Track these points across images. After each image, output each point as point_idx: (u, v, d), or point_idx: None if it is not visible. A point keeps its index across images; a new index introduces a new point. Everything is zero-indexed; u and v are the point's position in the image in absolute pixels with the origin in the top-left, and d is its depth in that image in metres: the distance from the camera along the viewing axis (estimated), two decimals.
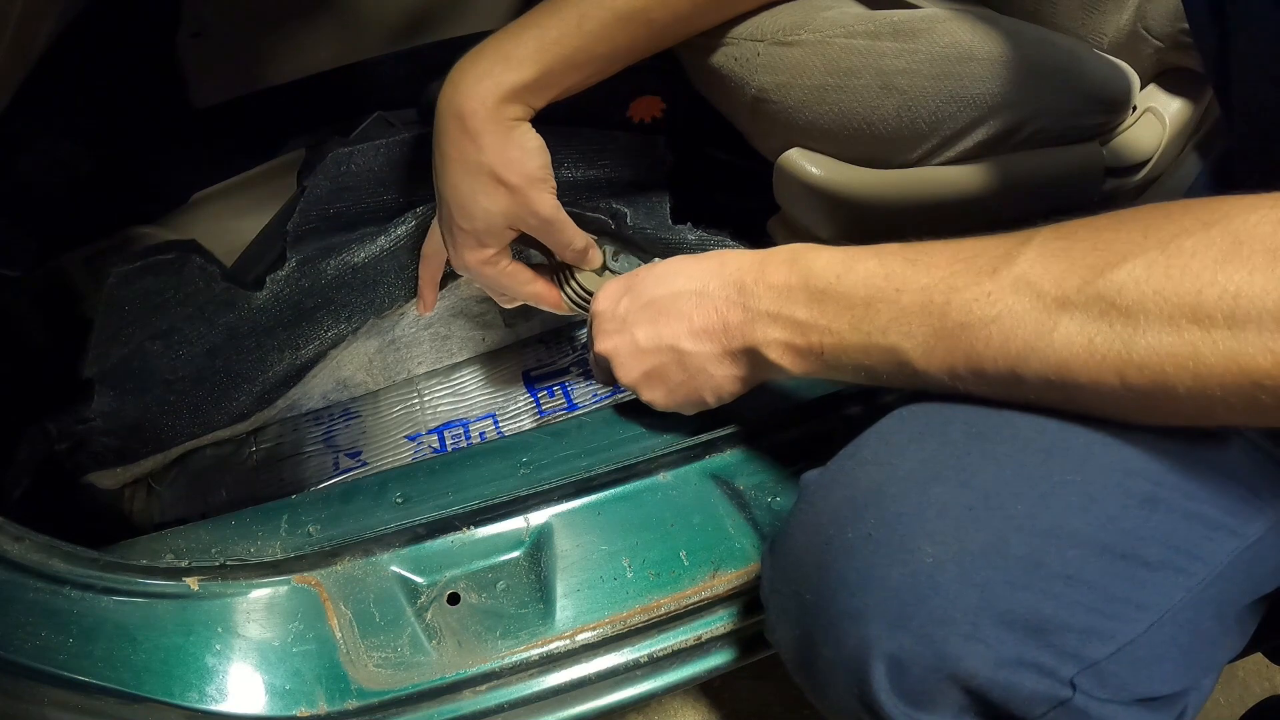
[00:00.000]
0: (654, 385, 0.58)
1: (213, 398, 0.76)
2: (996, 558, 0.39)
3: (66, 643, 0.51)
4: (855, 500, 0.43)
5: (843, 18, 0.67)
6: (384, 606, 0.57)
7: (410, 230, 0.76)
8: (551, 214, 0.66)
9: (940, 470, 0.42)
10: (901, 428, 0.46)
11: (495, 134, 0.62)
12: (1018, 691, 0.39)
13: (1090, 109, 0.69)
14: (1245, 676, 1.00)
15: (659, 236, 0.80)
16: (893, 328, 0.44)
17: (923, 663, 0.39)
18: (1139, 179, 0.73)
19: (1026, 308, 0.39)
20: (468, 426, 0.84)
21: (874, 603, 0.40)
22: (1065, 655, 0.38)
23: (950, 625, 0.38)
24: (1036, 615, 0.38)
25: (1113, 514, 0.39)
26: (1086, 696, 0.39)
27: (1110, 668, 0.39)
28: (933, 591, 0.39)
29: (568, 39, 0.62)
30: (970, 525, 0.40)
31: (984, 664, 0.38)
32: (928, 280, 0.43)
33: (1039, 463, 0.41)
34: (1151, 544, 0.39)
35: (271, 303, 0.75)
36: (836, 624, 0.41)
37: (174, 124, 0.89)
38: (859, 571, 0.41)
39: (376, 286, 0.78)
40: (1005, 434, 0.42)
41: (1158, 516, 0.39)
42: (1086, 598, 0.38)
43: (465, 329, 0.87)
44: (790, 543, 0.46)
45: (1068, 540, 0.39)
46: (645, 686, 0.58)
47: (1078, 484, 0.40)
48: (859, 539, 0.41)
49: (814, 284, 0.48)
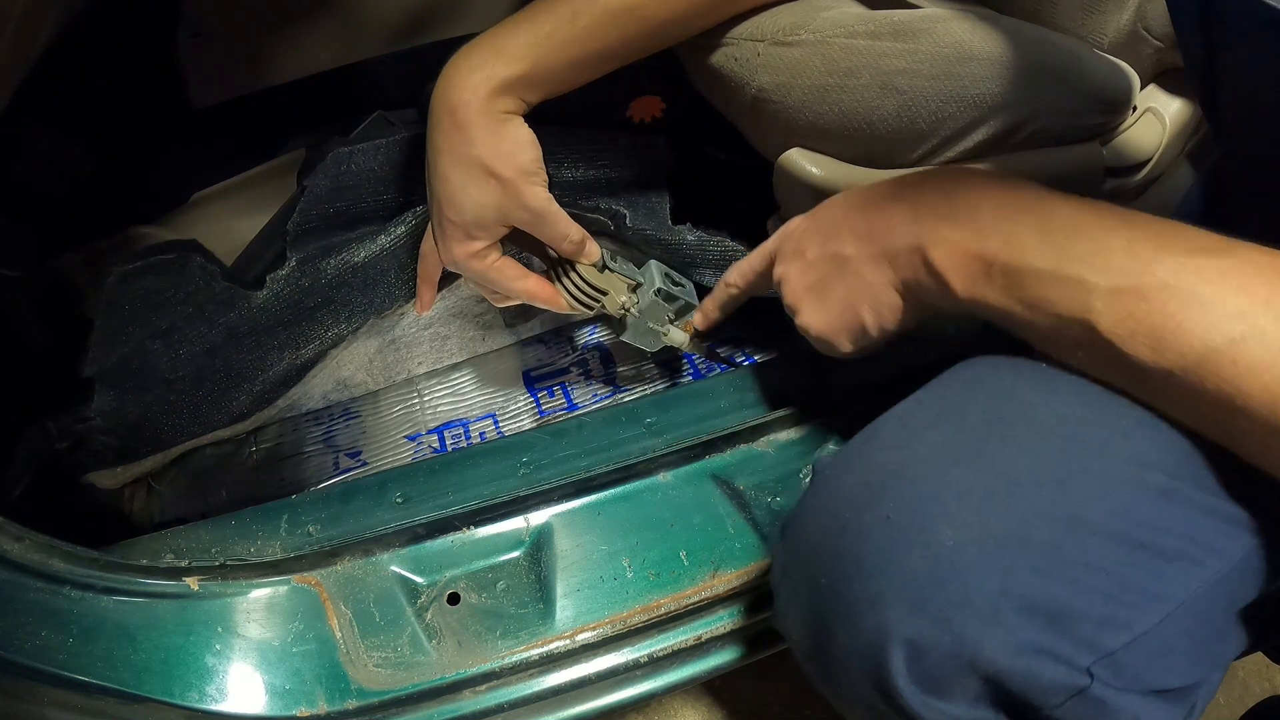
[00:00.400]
0: (813, 302, 0.55)
1: (213, 397, 0.76)
2: (1017, 543, 0.38)
3: (66, 643, 0.51)
4: (872, 483, 0.42)
5: (843, 18, 0.67)
6: (384, 606, 0.57)
7: (410, 229, 0.76)
8: (543, 207, 0.65)
9: (959, 454, 0.41)
10: (919, 411, 0.45)
11: (486, 126, 0.62)
12: (1036, 679, 0.38)
13: (1090, 109, 0.69)
14: (1245, 676, 1.00)
15: (658, 238, 0.80)
16: (1089, 261, 0.40)
17: (941, 648, 0.38)
18: (1139, 179, 0.73)
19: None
20: (468, 426, 0.84)
21: (892, 586, 0.39)
22: (1083, 644, 0.38)
23: (970, 609, 0.38)
24: (1055, 603, 0.38)
25: (1129, 504, 0.39)
26: (1104, 686, 0.38)
27: (1126, 658, 0.38)
28: (952, 575, 0.38)
29: (561, 34, 0.62)
30: (991, 510, 0.39)
31: (1003, 650, 0.38)
32: (1140, 232, 0.40)
33: (1057, 450, 0.40)
34: (1168, 535, 0.39)
35: (271, 302, 0.75)
36: (853, 609, 0.41)
37: (174, 124, 0.89)
38: (876, 554, 0.40)
39: (376, 286, 0.78)
40: (1024, 421, 0.42)
41: (1173, 508, 0.39)
42: (1104, 586, 0.38)
43: (465, 329, 0.87)
44: (804, 526, 0.45)
45: (1086, 529, 0.38)
46: (645, 686, 0.58)
47: (1095, 473, 0.40)
48: (876, 521, 0.41)
49: (1009, 195, 0.45)
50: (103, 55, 0.80)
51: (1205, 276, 0.37)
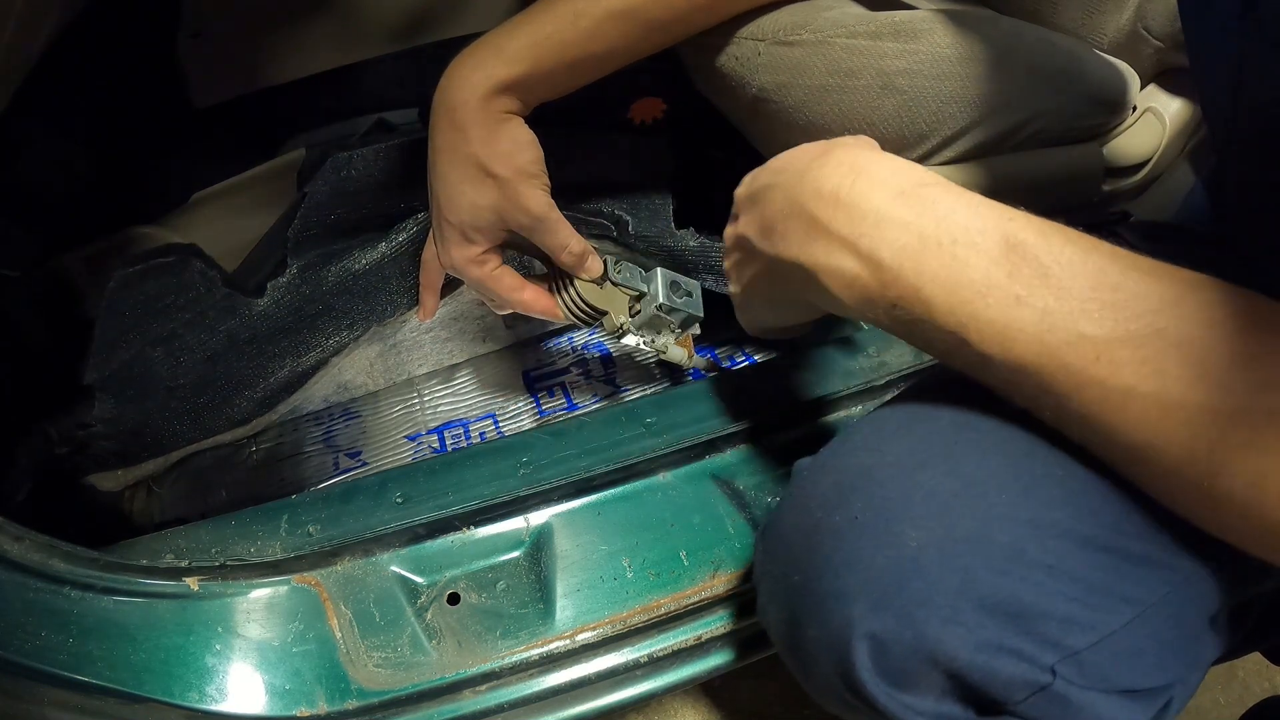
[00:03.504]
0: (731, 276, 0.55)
1: (214, 404, 0.76)
2: (979, 544, 0.39)
3: (66, 643, 0.51)
4: (843, 484, 0.43)
5: (844, 18, 0.67)
6: (384, 606, 0.57)
7: (412, 236, 0.76)
8: (542, 211, 0.64)
9: (928, 458, 0.42)
10: (892, 417, 0.46)
11: (484, 125, 0.62)
12: (997, 675, 0.39)
13: (1090, 109, 0.69)
14: (1245, 676, 1.00)
15: (661, 244, 0.80)
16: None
17: (903, 643, 0.39)
18: (1139, 179, 0.73)
19: None
20: (468, 426, 0.84)
21: (858, 583, 0.41)
22: (1045, 642, 0.39)
23: (931, 607, 0.39)
24: (1017, 602, 0.39)
25: (1096, 508, 0.40)
26: (1066, 683, 0.39)
27: (1091, 657, 0.39)
28: (915, 574, 0.39)
29: (561, 34, 0.62)
30: (954, 512, 0.40)
31: (963, 647, 0.39)
32: None
33: (1024, 455, 0.41)
34: (1135, 539, 0.39)
35: (273, 309, 0.75)
36: (822, 604, 0.42)
37: (174, 124, 0.89)
38: (844, 553, 0.41)
39: (378, 293, 0.77)
40: (993, 425, 0.43)
41: (1141, 513, 0.39)
42: (1068, 588, 0.39)
43: (466, 331, 0.87)
44: (780, 526, 0.47)
45: (1050, 531, 0.39)
46: (645, 686, 0.58)
47: (1061, 478, 0.40)
48: (846, 522, 0.42)
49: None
50: (103, 55, 0.80)
51: (1117, 369, 0.36)
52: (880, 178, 0.43)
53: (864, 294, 0.42)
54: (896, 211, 0.41)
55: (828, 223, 0.43)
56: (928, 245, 0.40)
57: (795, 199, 0.45)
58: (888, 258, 0.41)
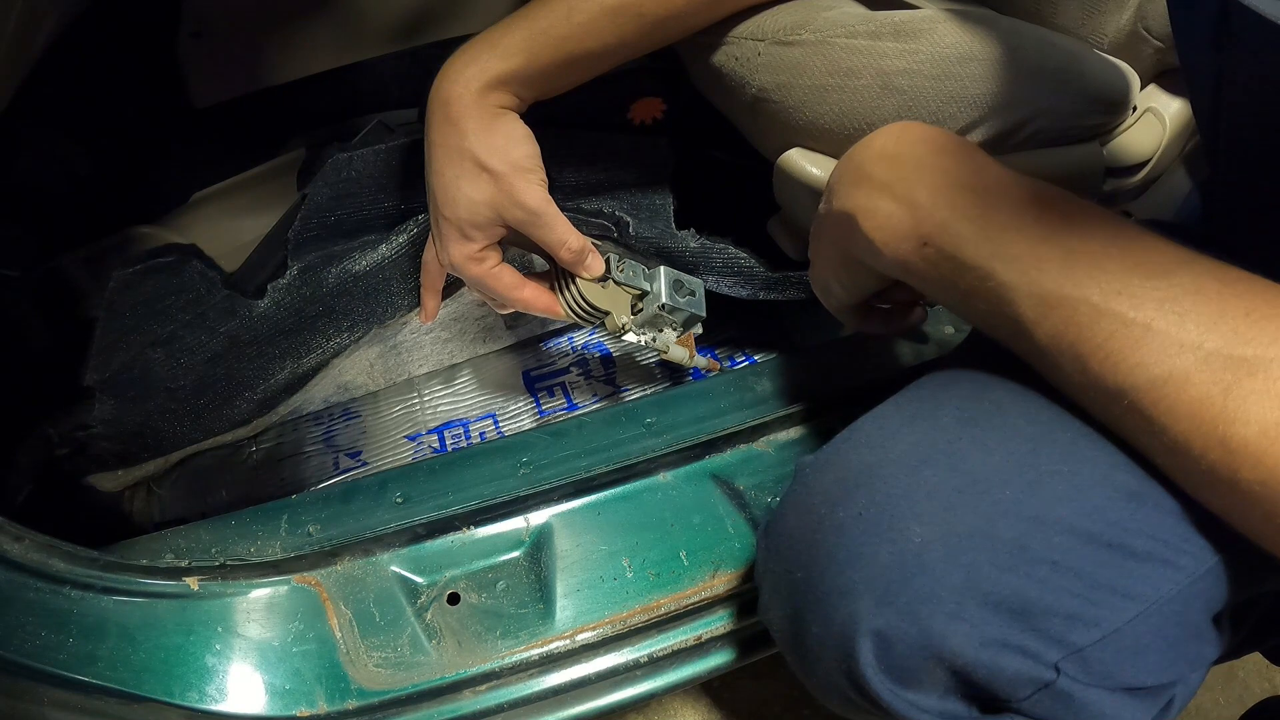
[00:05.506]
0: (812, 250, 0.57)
1: (214, 405, 0.76)
2: (983, 540, 0.39)
3: (66, 643, 0.51)
4: (847, 481, 0.44)
5: (844, 18, 0.67)
6: (384, 606, 0.57)
7: (412, 237, 0.76)
8: (539, 206, 0.63)
9: (931, 454, 0.43)
10: (895, 413, 0.46)
11: (479, 119, 0.62)
12: (1001, 672, 0.39)
13: (1090, 109, 0.69)
14: (1245, 676, 1.00)
15: (662, 245, 0.80)
16: (1018, 264, 0.41)
17: (908, 639, 0.39)
18: (1139, 179, 0.73)
19: None
20: (468, 426, 0.84)
21: (862, 579, 0.41)
22: (1050, 639, 0.39)
23: (935, 603, 0.39)
24: (1021, 598, 0.39)
25: (1099, 505, 0.40)
26: (1071, 680, 0.39)
27: (1095, 654, 0.39)
28: (919, 570, 0.39)
29: (556, 29, 0.62)
30: (958, 508, 0.40)
31: (967, 643, 0.39)
32: (1081, 240, 0.41)
33: (1028, 451, 0.41)
34: (1139, 536, 0.39)
35: (273, 310, 0.74)
36: (825, 600, 0.42)
37: (174, 124, 0.89)
38: (848, 549, 0.41)
39: (379, 295, 0.77)
40: (996, 422, 0.43)
41: (1145, 510, 0.40)
42: (1072, 584, 0.39)
43: (466, 331, 0.87)
44: (783, 522, 0.47)
45: (1054, 527, 0.39)
46: (645, 686, 0.58)
47: (1065, 474, 0.40)
48: (849, 518, 0.42)
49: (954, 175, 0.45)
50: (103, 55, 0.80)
51: (1138, 303, 0.38)
52: (926, 137, 0.47)
53: (896, 232, 0.45)
54: (937, 161, 0.45)
55: (871, 171, 0.47)
56: (963, 189, 0.44)
57: (856, 163, 0.49)
58: (923, 198, 0.44)
